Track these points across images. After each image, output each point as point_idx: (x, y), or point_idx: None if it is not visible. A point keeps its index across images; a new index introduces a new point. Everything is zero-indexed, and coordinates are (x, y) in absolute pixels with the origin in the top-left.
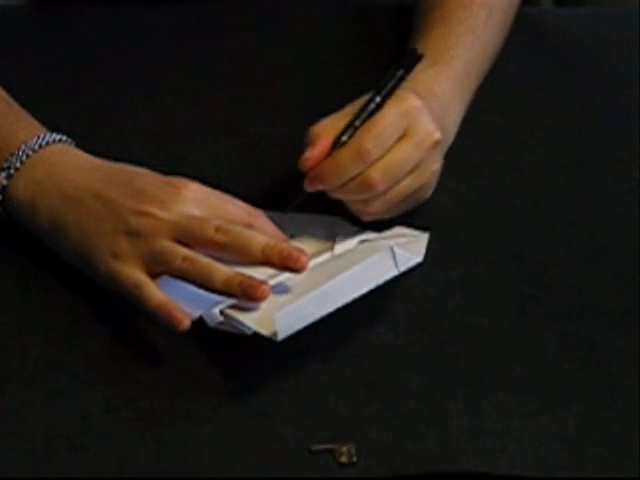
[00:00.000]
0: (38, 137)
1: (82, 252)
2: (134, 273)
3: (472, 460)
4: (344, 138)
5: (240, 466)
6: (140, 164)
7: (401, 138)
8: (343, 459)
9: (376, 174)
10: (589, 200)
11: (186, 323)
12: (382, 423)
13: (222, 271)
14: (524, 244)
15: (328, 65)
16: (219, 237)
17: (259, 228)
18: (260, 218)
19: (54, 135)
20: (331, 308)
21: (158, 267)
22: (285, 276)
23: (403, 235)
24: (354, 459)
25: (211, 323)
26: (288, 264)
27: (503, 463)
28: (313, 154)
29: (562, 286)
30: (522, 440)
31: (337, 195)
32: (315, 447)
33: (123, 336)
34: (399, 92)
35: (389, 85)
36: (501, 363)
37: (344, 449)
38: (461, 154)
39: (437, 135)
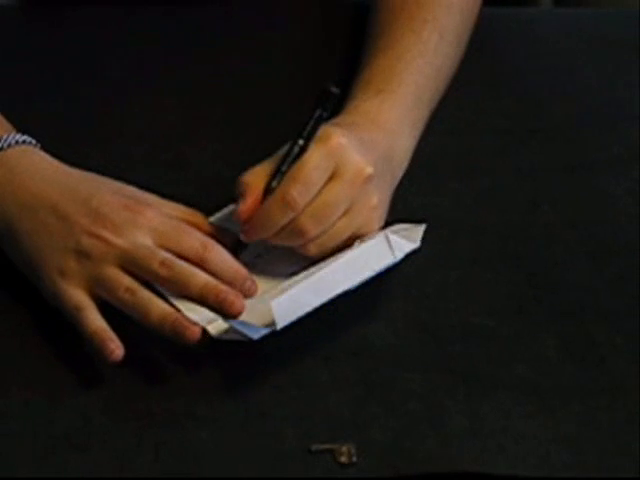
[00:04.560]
0: (1, 138)
1: (31, 264)
2: (77, 295)
3: (472, 460)
4: (274, 184)
5: (240, 466)
6: (139, 164)
7: (330, 179)
8: (343, 459)
9: (306, 220)
10: (589, 200)
11: (117, 354)
12: (382, 423)
13: (160, 307)
14: (524, 244)
15: (328, 65)
16: (162, 271)
17: (211, 261)
18: (214, 251)
19: (18, 136)
20: (328, 296)
21: (101, 292)
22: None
23: (399, 228)
24: (354, 459)
25: (214, 333)
26: (222, 307)
27: (503, 463)
28: (245, 207)
29: (562, 286)
30: (522, 440)
31: (273, 242)
32: (315, 447)
33: (123, 337)
34: (324, 130)
35: (309, 126)
36: (501, 363)
37: (344, 449)
38: (461, 154)
39: (368, 170)
